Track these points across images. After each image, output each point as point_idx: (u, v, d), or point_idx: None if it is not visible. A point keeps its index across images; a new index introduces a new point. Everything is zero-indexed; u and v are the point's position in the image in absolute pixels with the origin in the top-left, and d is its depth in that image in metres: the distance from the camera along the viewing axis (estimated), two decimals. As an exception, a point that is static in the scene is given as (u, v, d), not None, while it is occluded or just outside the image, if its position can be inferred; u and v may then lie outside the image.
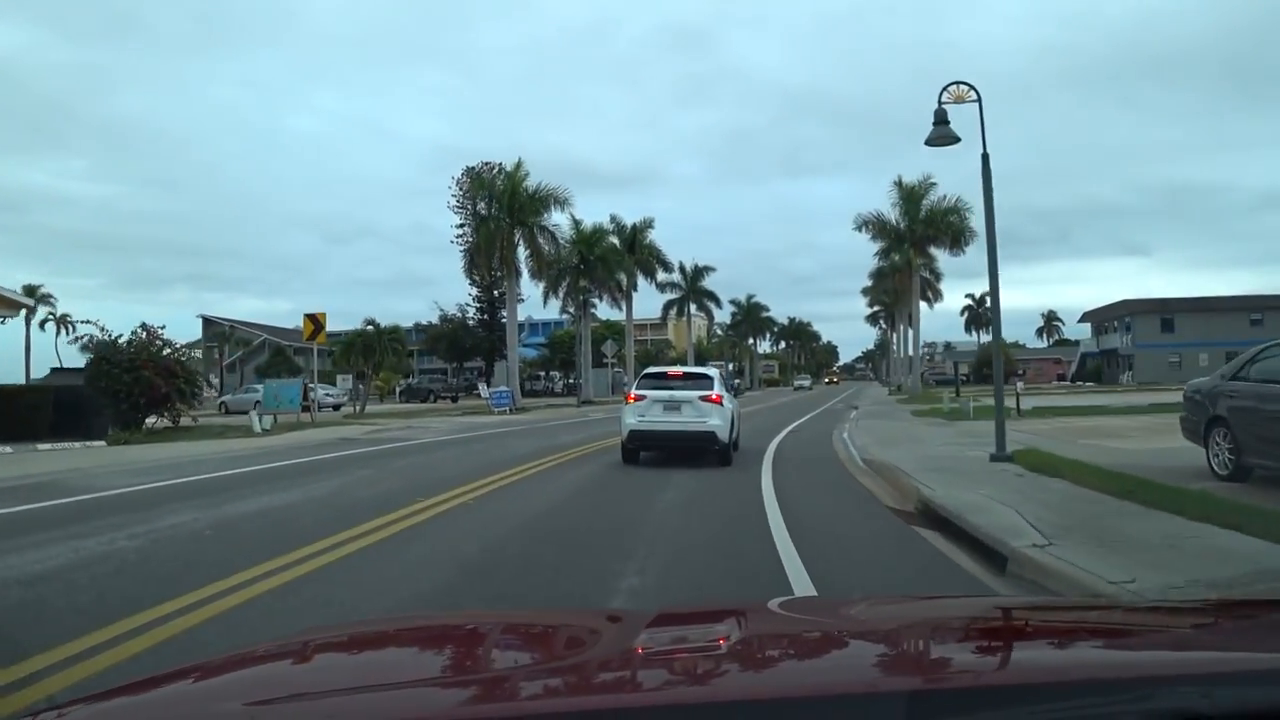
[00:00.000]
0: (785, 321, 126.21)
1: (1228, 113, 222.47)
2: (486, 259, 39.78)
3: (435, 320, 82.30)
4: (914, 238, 47.13)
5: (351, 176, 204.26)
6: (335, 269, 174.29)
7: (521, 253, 41.67)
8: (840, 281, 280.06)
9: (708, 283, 72.81)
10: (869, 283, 78.42)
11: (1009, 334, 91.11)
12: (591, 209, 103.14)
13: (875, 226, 49.04)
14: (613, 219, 52.89)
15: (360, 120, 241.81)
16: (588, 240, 49.04)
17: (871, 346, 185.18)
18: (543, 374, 77.85)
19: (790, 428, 24.40)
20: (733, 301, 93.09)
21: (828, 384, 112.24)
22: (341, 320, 53.26)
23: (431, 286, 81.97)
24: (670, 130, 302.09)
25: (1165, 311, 68.57)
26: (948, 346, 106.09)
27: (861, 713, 1.14)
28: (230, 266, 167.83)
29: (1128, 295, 75.07)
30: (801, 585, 5.62)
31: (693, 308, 73.18)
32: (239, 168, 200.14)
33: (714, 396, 13.39)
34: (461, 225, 39.42)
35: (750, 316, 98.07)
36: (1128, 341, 69.63)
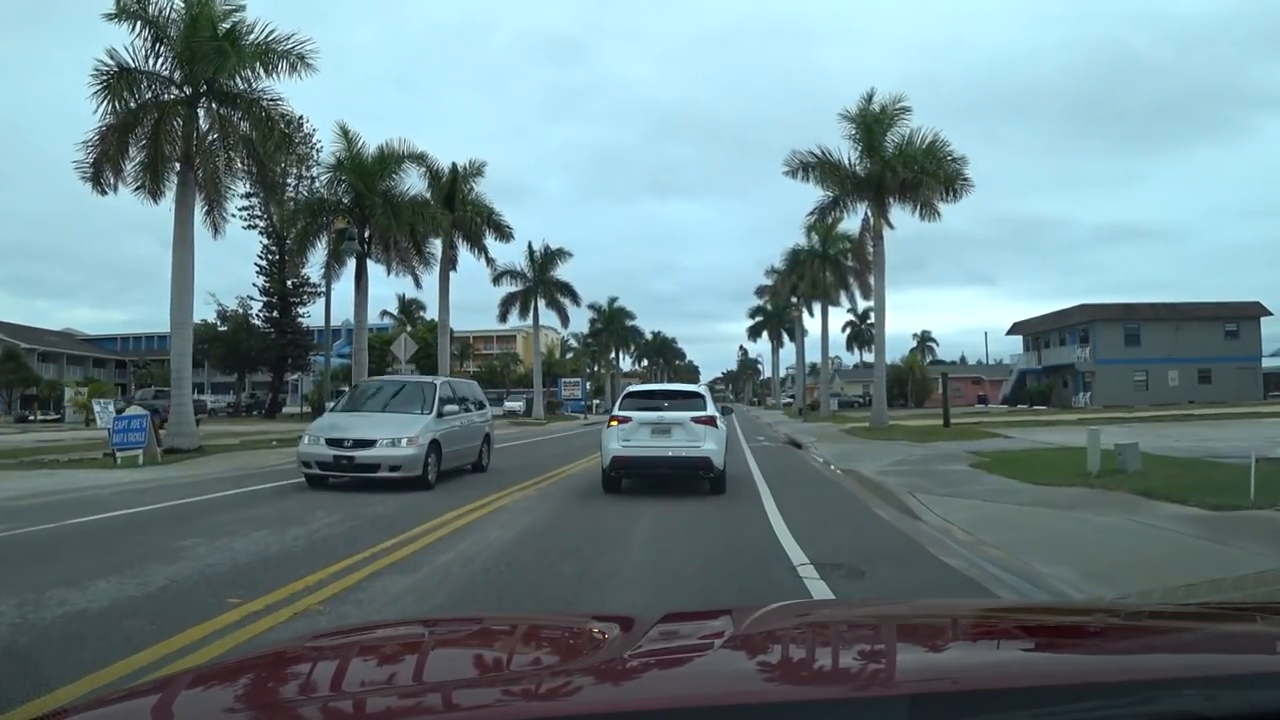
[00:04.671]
0: (650, 336, 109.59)
1: (1071, 151, 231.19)
2: (118, 151, 19.36)
3: (213, 319, 62.19)
4: (892, 184, 29.99)
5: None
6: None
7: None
8: (701, 304, 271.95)
9: (564, 274, 54.41)
10: (766, 281, 63.17)
11: (887, 356, 78.01)
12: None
13: (822, 169, 31.89)
14: (421, 156, 32.68)
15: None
16: (368, 169, 29.39)
17: (733, 367, 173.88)
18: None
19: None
20: (593, 306, 75.10)
21: None
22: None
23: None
24: (538, 144, 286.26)
25: (1130, 319, 55.56)
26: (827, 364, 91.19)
27: (864, 717, 1.13)
28: (60, 271, 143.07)
29: (1041, 312, 62.01)
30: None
31: (542, 304, 54.24)
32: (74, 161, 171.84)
33: (707, 418, 12.29)
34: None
35: (613, 324, 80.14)
36: (1085, 356, 56.04)
